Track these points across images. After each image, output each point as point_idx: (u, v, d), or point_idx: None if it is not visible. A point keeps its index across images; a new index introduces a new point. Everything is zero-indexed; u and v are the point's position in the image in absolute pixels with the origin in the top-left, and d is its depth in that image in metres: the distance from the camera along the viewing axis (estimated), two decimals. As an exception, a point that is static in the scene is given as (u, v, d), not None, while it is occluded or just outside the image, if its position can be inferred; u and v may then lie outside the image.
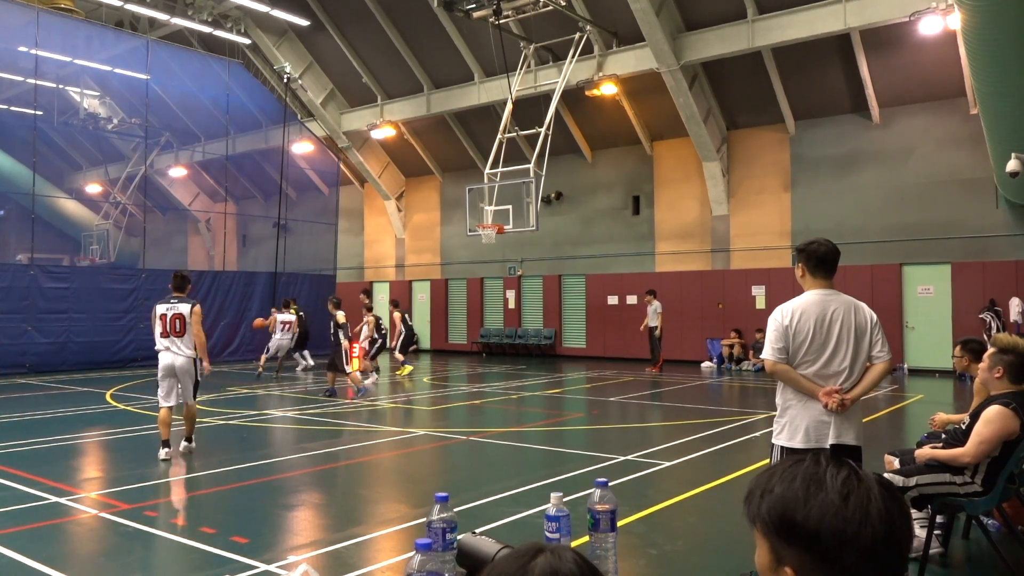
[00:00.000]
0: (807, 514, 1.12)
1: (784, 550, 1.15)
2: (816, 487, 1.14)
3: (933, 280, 17.93)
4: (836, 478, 1.15)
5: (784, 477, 1.18)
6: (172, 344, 8.34)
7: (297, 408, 12.61)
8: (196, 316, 8.45)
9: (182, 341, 8.35)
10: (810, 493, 1.14)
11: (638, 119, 21.04)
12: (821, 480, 1.15)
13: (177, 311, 8.40)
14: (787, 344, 4.09)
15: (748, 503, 1.22)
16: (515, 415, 12.17)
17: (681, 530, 5.88)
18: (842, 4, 16.34)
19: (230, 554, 5.14)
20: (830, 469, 1.16)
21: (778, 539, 1.16)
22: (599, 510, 2.23)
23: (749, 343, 19.12)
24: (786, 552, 1.15)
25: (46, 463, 8.19)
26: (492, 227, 18.32)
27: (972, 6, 7.51)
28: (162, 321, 8.41)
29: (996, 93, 10.02)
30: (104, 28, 21.65)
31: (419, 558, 1.95)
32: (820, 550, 1.11)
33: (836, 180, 18.99)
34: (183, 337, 8.36)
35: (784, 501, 1.15)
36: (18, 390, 14.92)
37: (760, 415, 11.26)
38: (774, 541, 1.17)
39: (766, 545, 1.19)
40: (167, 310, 8.43)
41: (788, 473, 1.18)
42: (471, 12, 17.84)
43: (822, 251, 4.14)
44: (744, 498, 1.25)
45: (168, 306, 8.47)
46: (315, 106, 24.84)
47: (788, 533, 1.14)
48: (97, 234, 28.70)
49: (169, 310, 8.43)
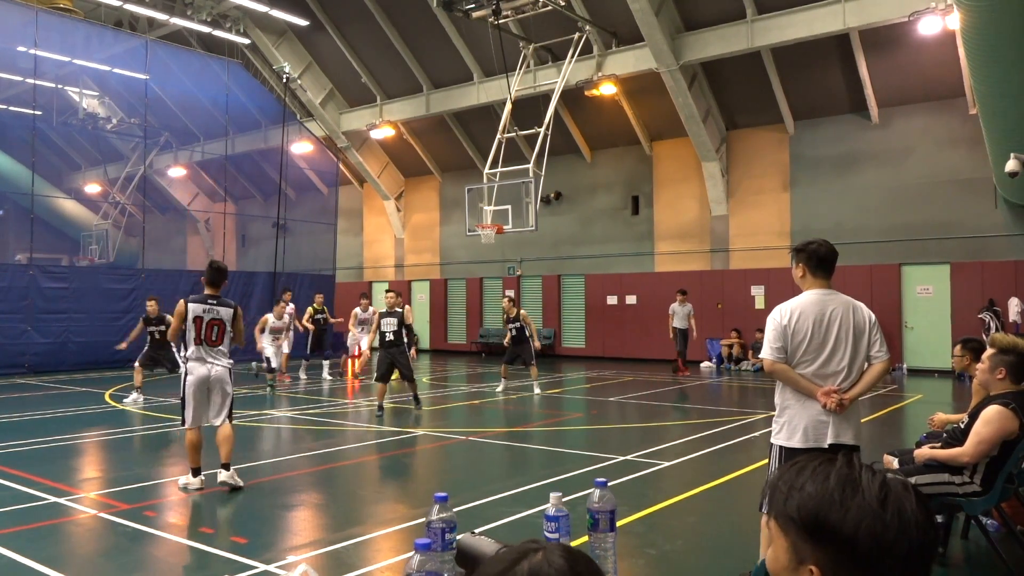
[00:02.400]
0: (843, 516, 1.10)
1: (811, 550, 1.13)
2: (852, 490, 1.12)
3: (932, 280, 17.93)
4: (872, 482, 1.13)
5: (816, 476, 1.16)
6: (207, 353, 6.97)
7: (297, 408, 12.61)
8: (239, 320, 7.22)
9: (219, 349, 7.04)
10: (846, 495, 1.12)
11: (637, 119, 21.04)
12: (857, 483, 1.13)
13: (217, 316, 7.02)
14: (786, 344, 4.10)
15: (770, 498, 1.20)
16: (515, 415, 12.17)
17: (680, 530, 5.88)
18: (841, 4, 16.35)
19: (229, 554, 5.15)
20: (865, 473, 1.15)
21: (806, 538, 1.14)
22: (598, 510, 2.23)
23: (748, 343, 19.13)
24: (813, 552, 1.13)
25: (45, 463, 8.19)
26: (491, 227, 18.31)
27: (971, 6, 7.51)
28: (196, 325, 6.96)
29: (995, 93, 10.03)
30: (103, 28, 21.63)
31: (418, 558, 1.95)
32: (856, 554, 1.10)
33: (835, 180, 19.00)
34: (219, 345, 7.04)
35: (818, 500, 1.13)
36: (17, 390, 14.91)
37: (759, 415, 11.27)
38: (798, 539, 1.15)
39: (786, 542, 1.16)
40: (203, 313, 6.98)
41: (820, 472, 1.16)
42: (470, 12, 17.84)
43: (823, 251, 4.15)
44: (765, 492, 1.22)
45: (205, 308, 7.00)
46: (314, 106, 24.84)
47: (820, 534, 1.12)
48: (96, 234, 28.70)
49: (206, 313, 6.99)
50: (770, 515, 1.20)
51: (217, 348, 7.03)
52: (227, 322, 7.07)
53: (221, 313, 7.05)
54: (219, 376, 7.01)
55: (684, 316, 18.04)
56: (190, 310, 6.99)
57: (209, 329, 6.98)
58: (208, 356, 6.98)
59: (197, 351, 6.96)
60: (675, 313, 18.08)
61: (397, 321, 11.90)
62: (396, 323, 11.88)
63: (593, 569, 1.11)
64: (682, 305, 18.10)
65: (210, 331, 6.98)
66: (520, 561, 1.08)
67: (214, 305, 7.05)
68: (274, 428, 10.81)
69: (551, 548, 1.10)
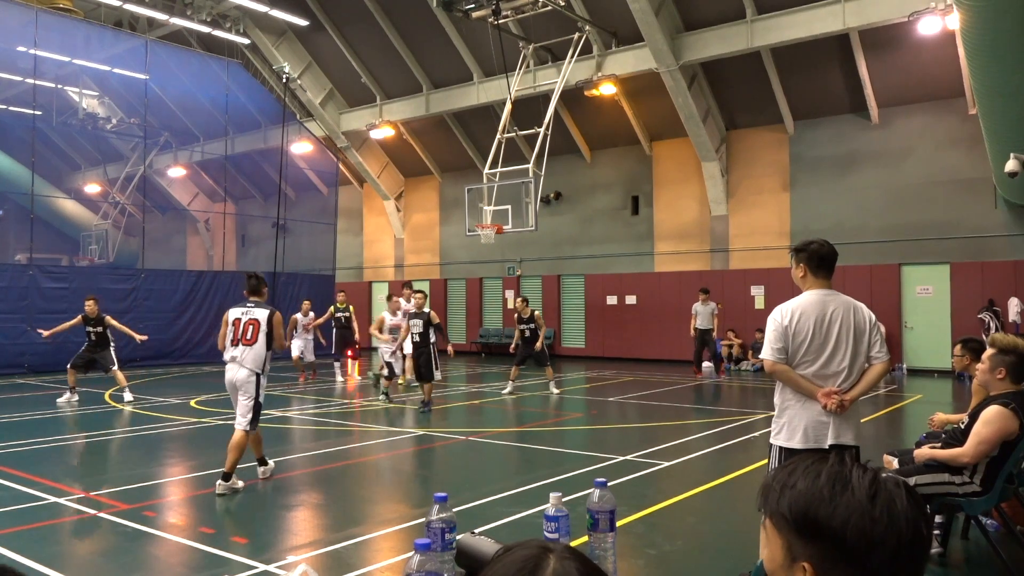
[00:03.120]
0: (832, 512, 1.12)
1: (803, 547, 1.15)
2: (842, 486, 1.14)
3: (932, 280, 17.94)
4: (863, 479, 1.15)
5: (808, 474, 1.17)
6: (238, 354, 7.05)
7: (296, 408, 12.61)
8: (278, 325, 7.16)
9: (250, 351, 7.04)
10: (836, 492, 1.13)
11: (637, 119, 21.04)
12: (847, 480, 1.15)
13: (253, 316, 7.11)
14: (786, 344, 4.09)
15: (765, 497, 1.22)
16: (514, 415, 12.17)
17: (680, 530, 5.88)
18: (841, 4, 16.35)
19: (229, 554, 5.15)
20: (856, 470, 1.16)
21: (798, 535, 1.15)
22: (598, 510, 2.23)
23: (748, 343, 19.12)
24: (805, 549, 1.15)
25: (45, 463, 8.19)
26: (491, 227, 18.31)
27: (971, 6, 7.51)
28: (235, 327, 7.12)
29: (995, 93, 10.03)
30: (103, 28, 21.63)
31: (418, 558, 1.95)
32: (844, 549, 1.11)
33: (835, 180, 19.00)
34: (253, 346, 7.04)
35: (808, 497, 1.15)
36: (17, 390, 14.92)
37: (759, 415, 11.27)
38: (791, 537, 1.16)
39: (780, 541, 1.18)
40: (242, 314, 7.15)
41: (812, 470, 1.18)
42: (470, 12, 17.84)
43: (824, 251, 4.14)
44: (760, 491, 1.24)
45: (243, 310, 7.18)
46: (314, 106, 24.84)
47: (810, 530, 1.14)
48: (96, 234, 28.68)
49: (244, 314, 7.15)
50: (765, 514, 1.22)
51: (251, 348, 7.03)
52: (263, 323, 7.09)
53: (256, 314, 7.14)
54: (243, 379, 7.05)
55: (708, 315, 17.13)
56: (229, 314, 7.22)
57: (245, 329, 7.10)
58: (238, 357, 7.06)
59: (231, 351, 7.09)
60: (698, 313, 17.18)
61: (423, 323, 12.07)
62: (422, 324, 12.07)
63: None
64: (704, 304, 17.13)
65: (246, 331, 7.09)
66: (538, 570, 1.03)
67: (251, 307, 7.19)
68: (274, 428, 10.81)
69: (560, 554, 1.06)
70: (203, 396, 13.87)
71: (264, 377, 7.12)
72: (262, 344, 7.07)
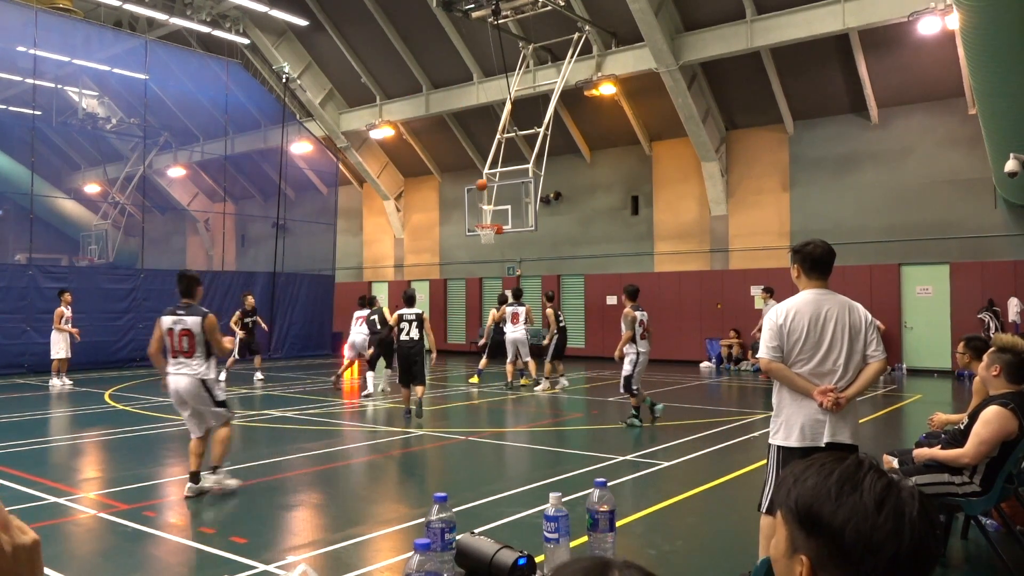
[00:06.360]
0: (835, 511, 1.14)
1: (802, 540, 1.17)
2: (851, 488, 1.15)
3: (932, 280, 17.94)
4: (875, 484, 1.15)
5: (821, 471, 1.19)
6: (175, 370, 6.72)
7: (296, 408, 12.60)
8: (212, 330, 6.70)
9: (191, 360, 6.69)
10: (843, 492, 1.15)
11: (637, 119, 21.04)
12: (858, 483, 1.16)
13: (184, 326, 6.68)
14: (782, 343, 4.13)
15: (779, 489, 1.25)
16: (514, 415, 12.17)
17: (680, 530, 5.88)
18: (841, 4, 16.35)
19: (229, 554, 5.15)
20: (871, 474, 1.17)
21: (798, 528, 1.18)
22: (598, 510, 2.23)
23: (748, 343, 19.12)
24: (805, 542, 1.17)
25: (45, 463, 8.19)
26: (491, 227, 18.31)
27: (971, 6, 7.51)
28: (169, 337, 6.76)
29: (995, 93, 10.03)
30: (102, 28, 21.63)
31: (418, 558, 1.95)
32: (841, 549, 1.13)
33: (835, 180, 19.01)
34: (191, 358, 6.68)
35: (815, 493, 1.17)
36: (17, 390, 14.92)
37: (759, 415, 11.27)
38: (794, 529, 1.19)
39: (785, 531, 1.21)
40: (173, 324, 6.73)
41: (826, 468, 1.20)
42: (470, 12, 17.84)
43: (817, 252, 4.18)
44: (777, 483, 1.27)
45: (174, 319, 6.73)
46: (314, 106, 24.83)
47: (811, 525, 1.16)
48: (96, 234, 28.68)
49: (176, 324, 6.71)
50: (778, 505, 1.25)
51: (191, 359, 6.69)
52: (196, 332, 6.67)
53: (187, 322, 6.70)
54: (187, 388, 6.70)
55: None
56: (162, 322, 6.79)
57: (180, 340, 6.71)
58: (181, 367, 6.72)
59: (171, 364, 6.75)
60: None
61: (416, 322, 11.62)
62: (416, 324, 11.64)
63: None
64: (767, 304, 15.96)
65: (180, 342, 6.70)
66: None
67: (182, 315, 6.74)
68: (273, 428, 10.80)
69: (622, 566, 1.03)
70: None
71: (215, 380, 6.83)
72: (201, 355, 6.70)
